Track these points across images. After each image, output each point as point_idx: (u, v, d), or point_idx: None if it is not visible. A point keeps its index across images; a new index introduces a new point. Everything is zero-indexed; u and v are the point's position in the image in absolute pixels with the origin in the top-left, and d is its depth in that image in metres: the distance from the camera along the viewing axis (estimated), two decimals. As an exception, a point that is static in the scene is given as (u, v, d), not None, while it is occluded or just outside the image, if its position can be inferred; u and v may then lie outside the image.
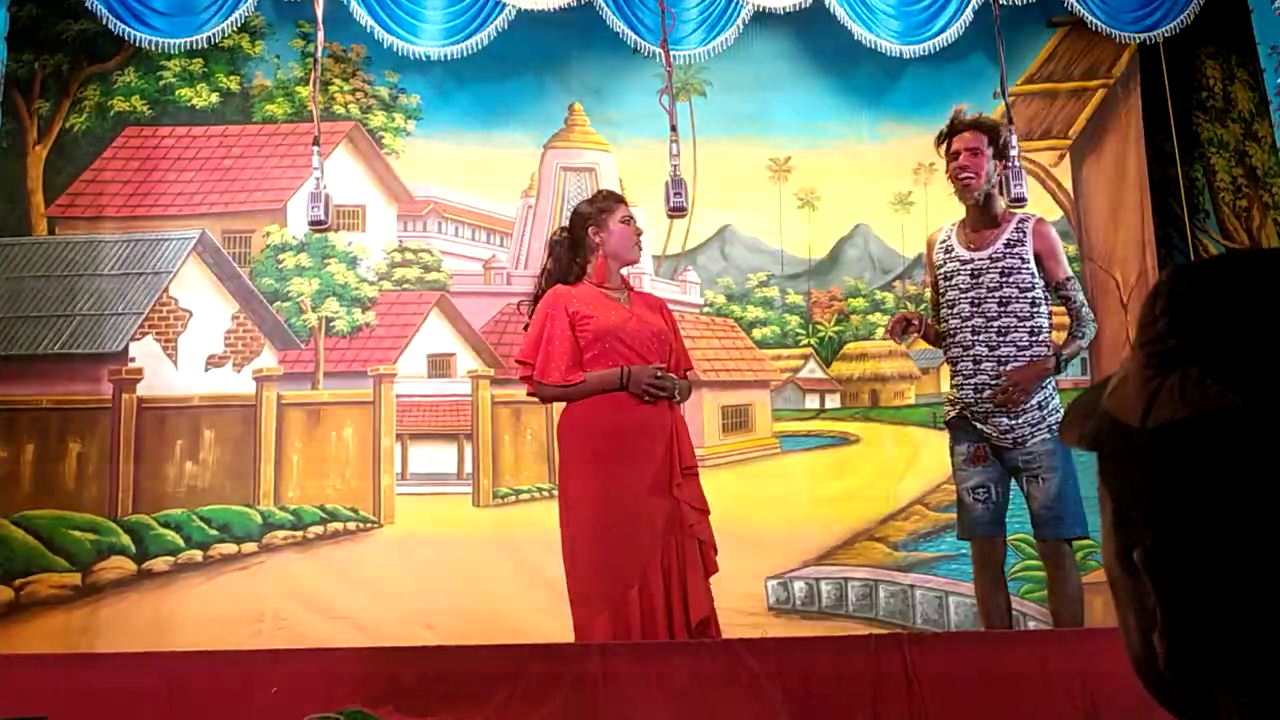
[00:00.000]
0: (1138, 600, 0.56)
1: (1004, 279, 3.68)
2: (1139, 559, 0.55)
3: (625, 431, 3.55)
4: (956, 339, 3.74)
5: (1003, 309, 3.67)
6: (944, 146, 3.78)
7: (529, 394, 3.75)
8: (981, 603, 3.75)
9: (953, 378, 3.80)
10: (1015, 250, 3.69)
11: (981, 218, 3.76)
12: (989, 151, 3.70)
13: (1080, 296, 3.77)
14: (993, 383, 3.64)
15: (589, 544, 3.50)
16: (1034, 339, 3.68)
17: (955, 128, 3.75)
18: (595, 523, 3.50)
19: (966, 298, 3.72)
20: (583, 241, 3.72)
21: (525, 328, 3.73)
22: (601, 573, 3.47)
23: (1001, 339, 3.66)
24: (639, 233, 3.82)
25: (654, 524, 3.50)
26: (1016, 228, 3.73)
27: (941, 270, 3.80)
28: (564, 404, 3.69)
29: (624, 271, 3.82)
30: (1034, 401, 3.63)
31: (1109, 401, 0.58)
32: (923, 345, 4.06)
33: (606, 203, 3.78)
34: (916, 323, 3.83)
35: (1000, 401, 3.60)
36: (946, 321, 3.79)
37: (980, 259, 3.71)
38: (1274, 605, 0.51)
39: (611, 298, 3.70)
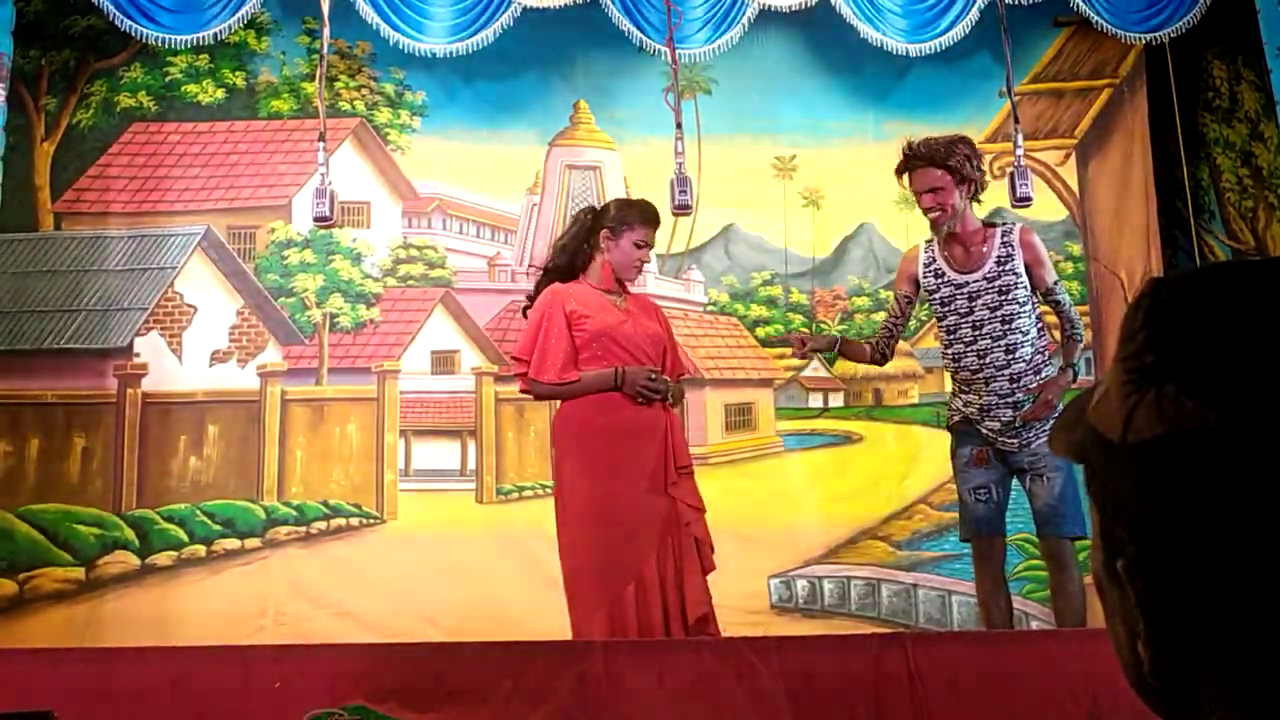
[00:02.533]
0: (1123, 609, 0.57)
1: (1003, 296, 3.64)
2: (1122, 569, 0.56)
3: (620, 432, 3.56)
4: (962, 363, 3.70)
5: (1008, 326, 3.64)
6: (904, 177, 3.70)
7: (522, 391, 3.77)
8: (983, 603, 3.75)
9: (956, 395, 3.78)
10: (1008, 266, 3.65)
11: (962, 238, 3.71)
12: (952, 182, 3.60)
13: (1068, 298, 3.78)
14: (1001, 400, 3.63)
15: (585, 543, 3.51)
16: (1036, 350, 3.68)
17: (907, 164, 3.66)
18: (591, 522, 3.51)
19: (967, 321, 3.68)
20: (595, 237, 3.73)
21: (525, 310, 3.74)
22: (598, 571, 3.48)
23: (1010, 356, 3.64)
24: (645, 260, 3.81)
25: (650, 523, 3.51)
26: (1003, 242, 3.67)
27: (936, 296, 3.74)
28: (559, 403, 3.71)
29: None
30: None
31: (1092, 415, 0.58)
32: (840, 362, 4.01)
33: (631, 217, 3.70)
34: (811, 343, 3.88)
35: (1034, 417, 3.58)
36: (949, 346, 3.74)
37: (975, 280, 3.67)
38: (1253, 616, 0.52)
39: (609, 299, 3.72)
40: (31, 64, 5.65)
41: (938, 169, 3.59)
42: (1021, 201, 4.27)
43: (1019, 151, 4.63)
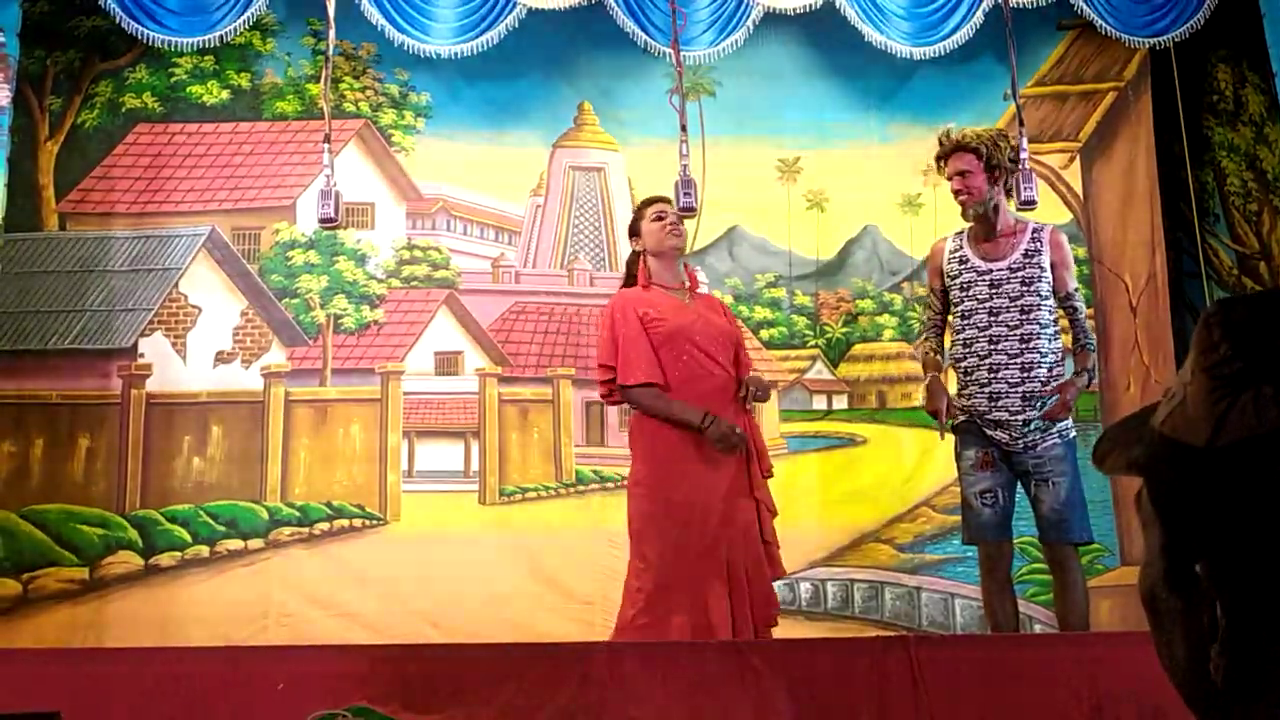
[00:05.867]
0: (1189, 616, 0.57)
1: (1025, 288, 3.72)
2: (1203, 571, 0.56)
3: (699, 437, 3.56)
4: (973, 349, 3.75)
5: (1025, 317, 3.71)
6: (942, 164, 3.85)
7: (611, 402, 3.77)
8: (988, 606, 3.75)
9: (964, 386, 3.80)
10: (1034, 260, 3.74)
11: (990, 228, 3.80)
12: (980, 166, 3.75)
13: (1084, 308, 3.85)
14: (1011, 389, 3.66)
15: (664, 546, 3.49)
16: (1051, 345, 3.74)
17: (943, 152, 3.81)
18: (669, 524, 3.50)
19: (985, 307, 3.74)
20: (635, 255, 3.86)
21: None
22: (675, 576, 3.46)
23: (1024, 345, 3.69)
24: (670, 223, 3.82)
25: (730, 526, 3.52)
26: (1033, 237, 3.77)
27: (958, 281, 3.82)
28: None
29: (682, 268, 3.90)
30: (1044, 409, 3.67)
31: (1165, 426, 0.58)
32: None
33: (640, 209, 3.90)
34: (944, 407, 3.78)
35: (1053, 416, 3.62)
36: (961, 331, 3.80)
37: (999, 269, 3.75)
38: None
39: (675, 297, 3.76)
40: (36, 64, 5.66)
41: (967, 153, 3.75)
42: (1026, 205, 4.27)
43: (1023, 155, 4.62)
